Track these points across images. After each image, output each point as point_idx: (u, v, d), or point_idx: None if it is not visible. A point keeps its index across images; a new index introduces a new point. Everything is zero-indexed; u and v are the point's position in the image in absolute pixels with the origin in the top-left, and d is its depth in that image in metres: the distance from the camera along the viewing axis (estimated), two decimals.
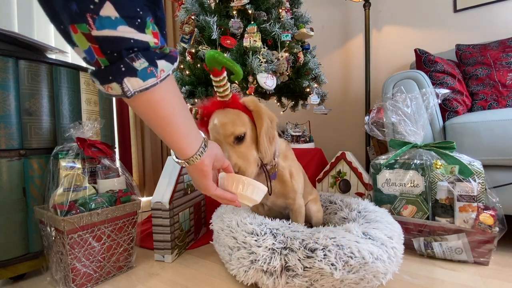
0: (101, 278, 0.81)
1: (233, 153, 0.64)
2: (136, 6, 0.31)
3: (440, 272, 0.81)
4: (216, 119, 0.65)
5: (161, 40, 0.35)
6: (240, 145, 0.65)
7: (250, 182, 0.58)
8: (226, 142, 0.64)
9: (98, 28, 0.29)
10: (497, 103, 1.20)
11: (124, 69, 0.33)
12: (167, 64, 0.36)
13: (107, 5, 0.29)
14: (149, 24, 0.32)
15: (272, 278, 0.66)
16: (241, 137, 0.65)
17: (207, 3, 1.25)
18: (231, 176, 0.58)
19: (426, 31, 1.75)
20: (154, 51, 0.34)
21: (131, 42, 0.32)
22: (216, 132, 0.65)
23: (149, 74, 0.34)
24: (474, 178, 0.86)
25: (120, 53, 0.32)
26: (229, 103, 0.67)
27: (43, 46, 0.94)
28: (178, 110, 0.41)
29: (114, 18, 0.29)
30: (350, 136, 2.07)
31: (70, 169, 0.83)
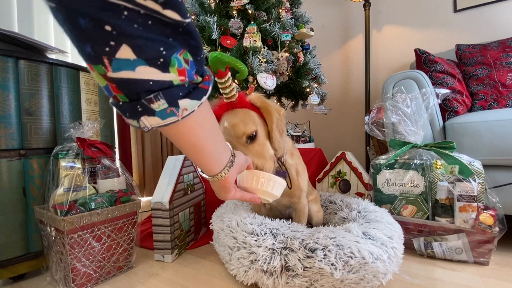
0: (101, 278, 0.81)
1: (248, 152, 0.63)
2: (159, 45, 0.28)
3: (440, 272, 0.81)
4: (225, 121, 0.65)
5: (189, 75, 0.32)
6: (253, 144, 0.64)
7: (270, 178, 0.58)
8: (239, 142, 0.64)
9: (114, 70, 0.27)
10: (497, 103, 1.20)
11: (141, 110, 0.31)
12: (192, 102, 0.33)
13: (124, 47, 0.26)
14: (174, 61, 0.29)
15: (272, 278, 0.66)
16: (253, 136, 0.64)
17: (207, 3, 1.25)
18: (250, 172, 0.57)
19: (426, 31, 1.75)
20: (178, 89, 0.31)
21: (150, 84, 0.29)
22: (228, 135, 0.64)
23: (168, 114, 0.32)
24: (474, 178, 0.86)
25: (138, 94, 0.30)
26: (236, 103, 0.66)
27: (43, 46, 0.94)
28: (205, 136, 0.39)
29: (132, 60, 0.27)
30: (350, 136, 2.07)
31: (70, 169, 0.83)
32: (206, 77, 0.35)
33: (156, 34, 0.27)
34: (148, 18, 0.26)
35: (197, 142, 0.39)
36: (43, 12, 1.51)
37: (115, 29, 0.25)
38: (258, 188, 0.57)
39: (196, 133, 0.38)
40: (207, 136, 0.40)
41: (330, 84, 1.88)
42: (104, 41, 0.25)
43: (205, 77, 0.35)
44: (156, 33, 0.27)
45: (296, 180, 0.79)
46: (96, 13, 0.23)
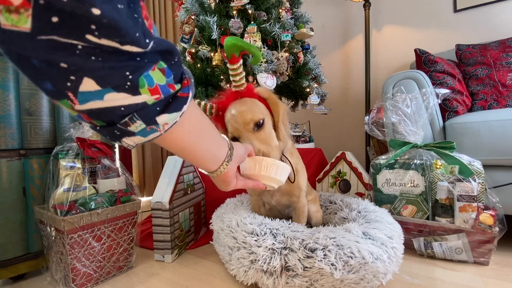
0: (101, 278, 0.81)
1: (254, 139, 0.63)
2: (123, 70, 0.25)
3: (440, 272, 0.81)
4: (233, 109, 0.65)
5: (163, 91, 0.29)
6: (260, 132, 0.65)
7: (273, 163, 0.57)
8: (246, 129, 0.64)
9: (81, 103, 0.25)
10: (497, 103, 1.20)
11: (120, 133, 0.30)
12: (171, 115, 0.31)
13: (86, 80, 0.24)
14: (143, 82, 0.27)
15: (272, 278, 0.66)
16: (261, 124, 0.65)
17: (207, 3, 1.25)
18: (253, 158, 0.56)
19: (426, 31, 1.75)
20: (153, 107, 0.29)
21: (121, 110, 0.27)
22: (235, 122, 0.64)
23: (149, 131, 0.31)
24: (474, 178, 0.86)
25: (111, 120, 0.28)
26: (244, 93, 0.67)
27: None
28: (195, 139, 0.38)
29: (98, 90, 0.25)
30: (350, 136, 2.07)
31: (70, 169, 0.83)
32: (185, 82, 0.32)
33: (118, 62, 0.24)
34: (106, 52, 0.23)
35: (187, 146, 0.38)
36: None
37: (71, 66, 0.23)
38: (261, 174, 0.56)
39: (184, 140, 0.36)
40: (197, 139, 0.39)
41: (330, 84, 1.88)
42: (63, 77, 0.23)
43: (184, 82, 0.32)
44: (117, 61, 0.24)
45: (296, 180, 0.79)
46: (47, 55, 0.22)
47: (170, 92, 0.30)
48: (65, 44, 0.22)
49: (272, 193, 0.82)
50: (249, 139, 0.63)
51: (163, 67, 0.29)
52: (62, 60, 0.22)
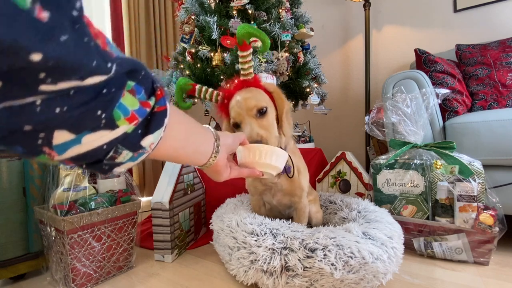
0: (101, 278, 0.81)
1: (256, 125, 0.64)
2: (94, 111, 0.23)
3: (440, 272, 0.81)
4: (238, 96, 0.68)
5: (140, 113, 0.27)
6: (262, 119, 0.66)
7: (268, 149, 0.55)
8: (249, 115, 0.65)
9: (60, 153, 0.24)
10: (497, 103, 1.20)
11: (108, 167, 0.29)
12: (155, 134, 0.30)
13: (57, 133, 0.22)
14: (119, 114, 0.25)
15: (272, 278, 0.66)
16: (263, 111, 0.66)
17: (207, 3, 1.25)
18: (247, 146, 0.55)
19: (426, 31, 1.75)
20: (135, 133, 0.28)
21: (104, 149, 0.26)
22: (239, 107, 0.66)
23: (137, 156, 0.30)
24: (474, 178, 0.86)
25: (96, 159, 0.27)
26: (251, 83, 0.70)
27: None
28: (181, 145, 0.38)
29: (74, 138, 0.23)
30: (350, 136, 2.07)
31: (70, 169, 0.83)
32: (159, 93, 0.30)
33: (85, 104, 0.22)
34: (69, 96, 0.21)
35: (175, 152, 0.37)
36: None
37: (36, 125, 0.21)
38: (257, 161, 0.54)
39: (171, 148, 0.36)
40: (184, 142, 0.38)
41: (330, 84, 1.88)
42: (31, 138, 0.22)
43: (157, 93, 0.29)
44: (84, 102, 0.22)
45: (298, 179, 0.79)
46: (6, 124, 0.19)
47: (147, 111, 0.28)
48: (21, 106, 0.19)
49: (273, 193, 0.82)
50: (250, 124, 0.64)
51: (131, 87, 0.26)
52: (24, 123, 0.20)
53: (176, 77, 1.31)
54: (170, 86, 1.27)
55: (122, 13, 1.87)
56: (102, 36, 0.22)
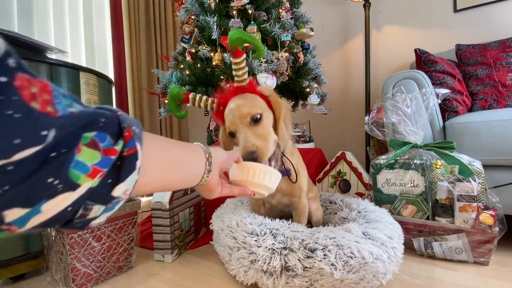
0: (101, 278, 0.81)
1: (250, 133, 0.62)
2: (43, 180, 0.20)
3: (440, 272, 0.81)
4: (232, 103, 0.65)
5: (104, 164, 0.24)
6: (257, 126, 0.64)
7: (262, 168, 0.53)
8: (243, 123, 0.64)
9: (21, 227, 0.22)
10: (497, 103, 1.20)
11: (82, 224, 0.26)
12: (127, 181, 0.26)
13: (8, 212, 0.20)
14: (76, 174, 0.22)
15: (272, 278, 0.66)
16: (258, 118, 0.64)
17: (207, 3, 1.25)
18: (241, 165, 0.53)
19: (426, 31, 1.75)
20: (103, 185, 0.25)
21: (69, 210, 0.23)
22: (232, 115, 0.64)
23: (111, 206, 0.27)
24: (474, 178, 0.86)
25: (66, 221, 0.25)
26: (246, 88, 0.68)
27: (43, 46, 0.94)
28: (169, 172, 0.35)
29: (31, 209, 0.21)
30: (350, 136, 2.07)
31: None
32: (127, 134, 0.26)
33: (30, 175, 0.20)
34: (6, 173, 0.19)
35: (161, 185, 0.35)
36: (43, 12, 1.51)
37: None
38: (250, 181, 0.52)
39: (156, 183, 0.34)
40: (169, 174, 0.35)
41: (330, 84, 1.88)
42: None
43: (125, 134, 0.26)
44: (29, 174, 0.20)
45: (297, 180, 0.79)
46: None
47: (112, 160, 0.25)
48: None
49: (273, 194, 0.82)
50: (245, 133, 0.62)
51: (90, 139, 0.23)
52: None
53: (176, 77, 1.31)
54: (170, 85, 1.27)
55: (122, 13, 1.87)
56: (46, 91, 0.20)
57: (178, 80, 1.32)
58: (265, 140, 0.63)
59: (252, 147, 0.60)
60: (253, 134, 0.62)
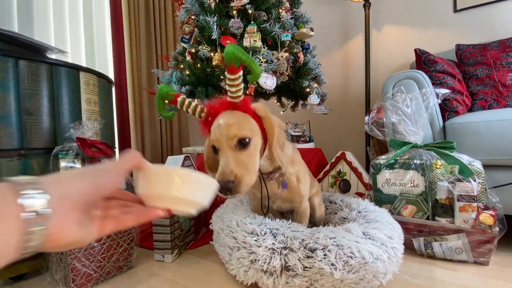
0: (101, 278, 0.81)
1: (232, 159, 0.57)
2: None
3: (440, 272, 0.81)
4: (221, 119, 0.60)
5: None
6: (242, 152, 0.59)
7: (186, 175, 0.33)
8: (228, 145, 0.58)
9: None
10: (497, 103, 1.20)
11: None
12: None
13: None
14: None
15: (272, 278, 0.66)
16: (245, 143, 0.59)
17: (207, 3, 1.25)
18: (154, 171, 0.34)
19: (426, 31, 1.75)
20: None
21: None
22: (219, 133, 0.59)
23: None
24: (474, 178, 0.86)
25: None
26: (239, 106, 0.62)
27: (43, 46, 0.94)
28: None
29: None
30: (350, 136, 2.07)
31: (70, 169, 0.83)
32: None
33: None
34: None
35: None
36: (43, 12, 1.51)
37: None
38: (167, 194, 0.33)
39: None
40: None
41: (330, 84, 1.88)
42: None
43: None
44: None
45: (297, 187, 0.78)
46: None
47: None
48: None
49: (273, 200, 0.81)
50: (226, 157, 0.57)
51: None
52: None
53: (176, 77, 1.31)
54: (170, 85, 1.27)
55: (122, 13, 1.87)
56: None
57: (178, 80, 1.32)
58: (247, 169, 0.57)
59: (229, 175, 0.54)
60: (235, 159, 0.57)
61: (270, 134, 0.64)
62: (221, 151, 0.59)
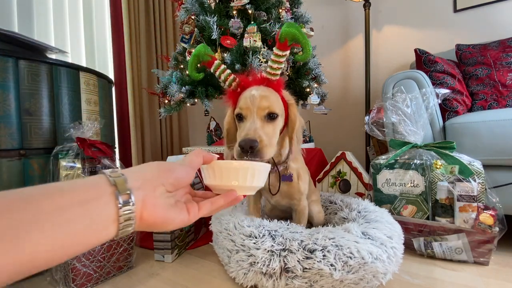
0: (101, 278, 0.81)
1: (259, 128, 0.58)
2: None
3: (440, 272, 0.81)
4: (255, 90, 0.62)
5: None
6: (268, 124, 0.61)
7: (247, 166, 0.41)
8: (258, 114, 0.60)
9: None
10: (497, 103, 1.20)
11: None
12: None
13: None
14: None
15: (272, 280, 0.66)
16: (274, 117, 0.62)
17: (207, 3, 1.25)
18: (218, 164, 0.40)
19: (426, 31, 1.75)
20: None
21: None
22: (251, 101, 0.60)
23: None
24: (474, 178, 0.86)
25: None
26: (273, 84, 0.64)
27: (43, 46, 0.94)
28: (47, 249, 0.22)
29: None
30: (350, 136, 2.07)
31: (70, 169, 0.83)
32: None
33: None
34: None
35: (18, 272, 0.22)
36: (43, 12, 1.51)
37: None
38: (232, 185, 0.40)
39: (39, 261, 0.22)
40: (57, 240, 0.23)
41: (330, 84, 1.88)
42: None
43: None
44: None
45: (297, 184, 0.79)
46: None
47: None
48: None
49: (271, 194, 0.82)
50: (254, 122, 0.59)
51: None
52: None
53: (176, 77, 1.31)
54: (170, 85, 1.27)
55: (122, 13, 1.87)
56: None
57: (178, 80, 1.32)
58: (270, 140, 0.60)
59: (254, 134, 0.55)
60: (262, 128, 0.59)
61: (293, 121, 0.67)
62: (247, 118, 0.60)
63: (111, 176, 0.28)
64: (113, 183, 0.27)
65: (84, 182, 0.27)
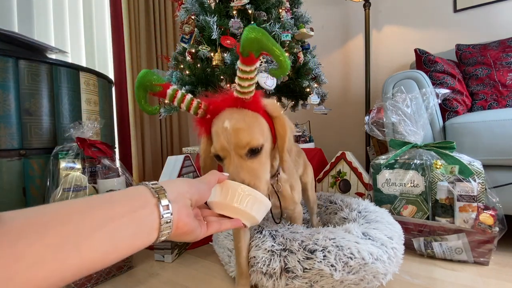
0: (101, 278, 0.81)
1: (242, 168, 0.49)
2: None
3: (440, 272, 0.81)
4: (227, 121, 0.50)
5: None
6: (253, 160, 0.51)
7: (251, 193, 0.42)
8: (237, 153, 0.50)
9: None
10: (497, 103, 1.20)
11: None
12: None
13: None
14: None
15: (272, 280, 0.66)
16: (257, 151, 0.51)
17: (207, 3, 1.25)
18: (225, 184, 0.43)
19: (426, 31, 1.75)
20: None
21: None
22: (225, 139, 0.50)
23: None
24: (474, 178, 0.86)
25: None
26: (248, 103, 0.52)
27: (43, 46, 0.94)
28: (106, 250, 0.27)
29: None
30: (350, 136, 2.07)
31: (70, 169, 0.83)
32: None
33: None
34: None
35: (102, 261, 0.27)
36: (43, 12, 1.51)
37: None
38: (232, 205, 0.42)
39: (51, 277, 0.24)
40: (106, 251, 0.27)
41: (330, 84, 1.88)
42: None
43: None
44: None
45: (290, 195, 0.73)
46: None
47: None
48: None
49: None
50: (235, 167, 0.49)
51: None
52: None
53: (176, 77, 1.31)
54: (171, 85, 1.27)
55: (122, 13, 1.87)
56: None
57: (178, 80, 1.32)
58: (258, 178, 0.50)
59: (239, 180, 0.48)
60: (245, 168, 0.49)
61: (282, 136, 0.56)
62: (227, 160, 0.51)
63: (153, 187, 0.33)
64: (155, 195, 0.32)
65: (130, 192, 0.31)
